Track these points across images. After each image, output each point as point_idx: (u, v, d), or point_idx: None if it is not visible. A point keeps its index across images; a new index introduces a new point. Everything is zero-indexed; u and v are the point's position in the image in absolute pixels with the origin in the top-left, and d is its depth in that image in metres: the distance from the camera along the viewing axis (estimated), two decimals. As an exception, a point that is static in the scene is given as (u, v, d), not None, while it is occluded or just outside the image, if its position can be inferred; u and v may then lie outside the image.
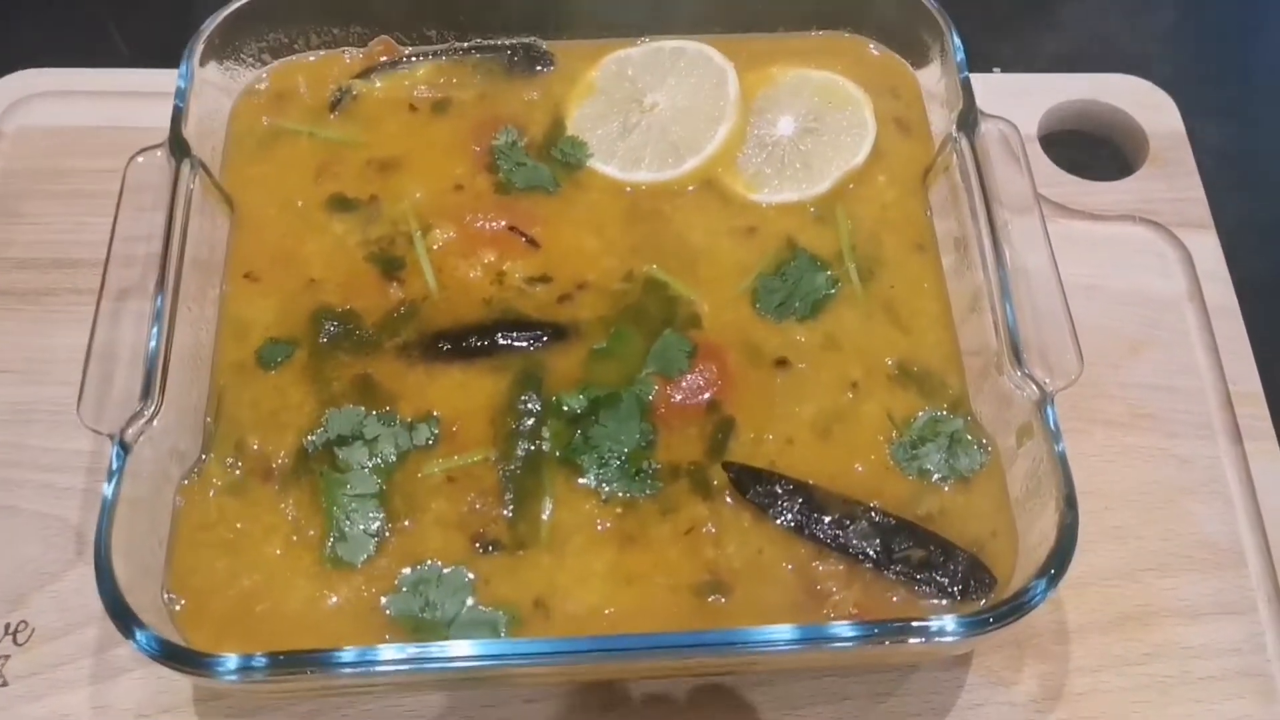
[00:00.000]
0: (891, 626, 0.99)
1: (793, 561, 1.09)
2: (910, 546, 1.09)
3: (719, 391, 1.17)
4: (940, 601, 1.07)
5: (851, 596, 1.07)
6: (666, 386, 1.16)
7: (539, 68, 1.38)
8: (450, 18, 1.37)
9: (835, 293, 1.23)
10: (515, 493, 1.11)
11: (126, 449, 1.04)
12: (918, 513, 1.11)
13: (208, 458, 1.13)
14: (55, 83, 1.53)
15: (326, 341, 1.19)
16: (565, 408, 1.15)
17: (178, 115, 1.22)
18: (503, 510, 1.11)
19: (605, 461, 1.12)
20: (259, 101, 1.35)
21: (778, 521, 1.10)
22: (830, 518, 1.10)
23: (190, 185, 1.19)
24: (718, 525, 1.11)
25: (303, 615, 1.06)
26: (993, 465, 1.14)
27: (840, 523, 1.10)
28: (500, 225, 1.26)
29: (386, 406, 1.15)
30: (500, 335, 1.19)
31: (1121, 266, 1.41)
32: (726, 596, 1.07)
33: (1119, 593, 1.21)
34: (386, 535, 1.09)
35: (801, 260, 1.24)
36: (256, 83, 1.36)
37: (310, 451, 1.13)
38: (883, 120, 1.33)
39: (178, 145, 1.20)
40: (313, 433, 1.14)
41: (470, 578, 1.07)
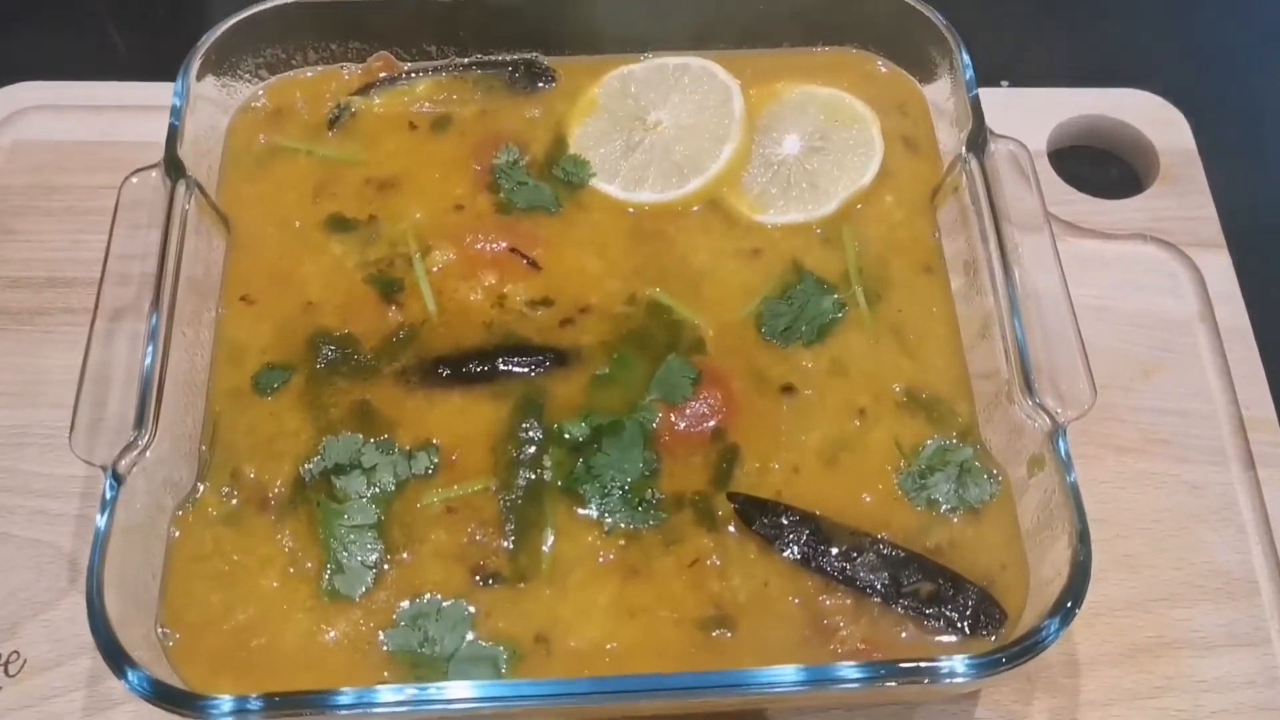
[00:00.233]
0: (901, 667, 0.97)
1: (799, 595, 1.07)
2: (919, 580, 1.07)
3: (724, 419, 1.15)
4: (950, 637, 1.05)
5: (859, 631, 1.05)
6: (670, 413, 1.14)
7: (540, 84, 1.36)
8: (450, 33, 1.35)
9: (842, 317, 1.21)
10: (516, 523, 1.09)
11: (120, 480, 1.02)
12: (926, 545, 1.09)
13: (203, 487, 1.11)
14: (51, 96, 1.50)
15: (324, 366, 1.17)
16: (567, 435, 1.13)
17: (173, 134, 1.20)
18: (503, 541, 1.09)
19: (608, 491, 1.10)
20: (256, 118, 1.33)
21: (784, 554, 1.08)
22: (837, 550, 1.08)
23: (185, 206, 1.17)
24: (723, 557, 1.08)
25: (299, 650, 1.04)
26: (1003, 496, 1.12)
27: (848, 555, 1.08)
28: (501, 246, 1.24)
29: (385, 434, 1.13)
30: (501, 360, 1.17)
31: (1132, 287, 1.38)
32: (732, 631, 1.05)
33: (1130, 624, 1.19)
34: (385, 567, 1.07)
35: (808, 283, 1.22)
36: (254, 99, 1.34)
37: (307, 480, 1.11)
38: (890, 139, 1.31)
39: (173, 166, 1.18)
40: (310, 461, 1.12)
41: (470, 611, 1.06)
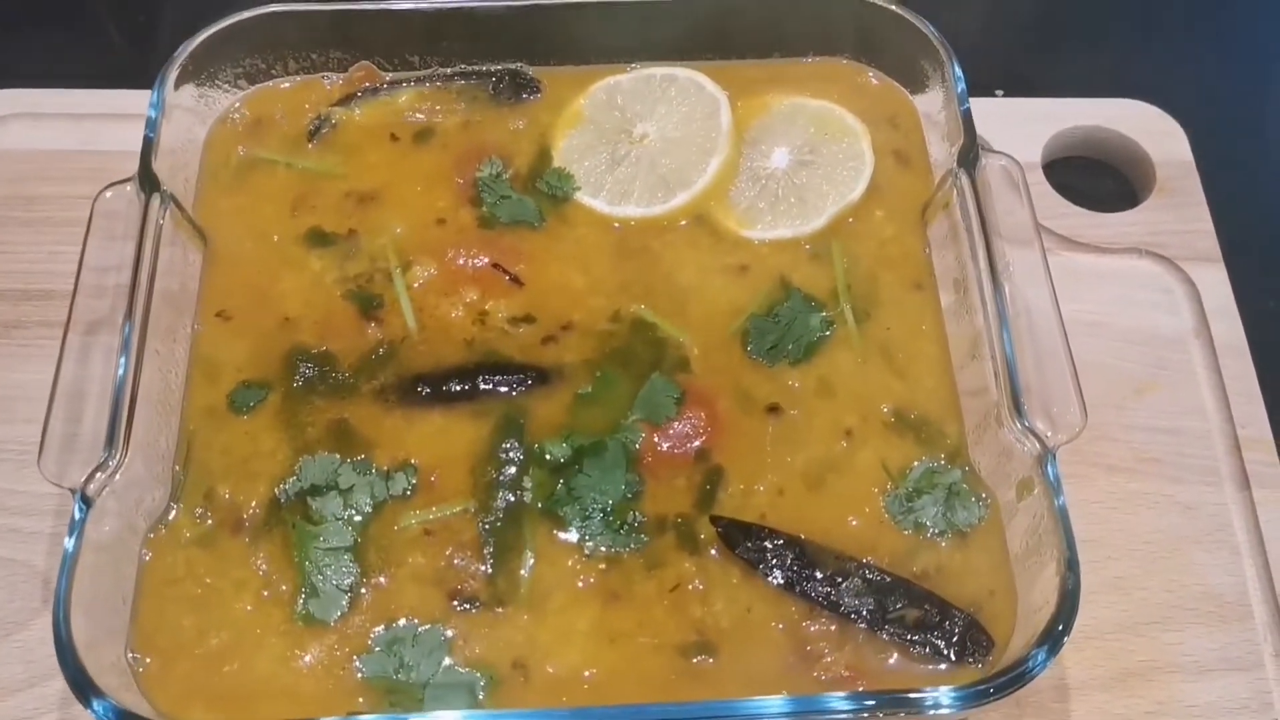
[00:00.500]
0: (886, 698, 0.95)
1: (783, 621, 1.05)
2: (905, 606, 1.05)
3: (708, 439, 1.13)
4: (936, 665, 1.03)
5: (844, 658, 1.03)
6: (653, 434, 1.12)
7: (525, 95, 1.34)
8: (434, 43, 1.32)
9: (830, 335, 1.19)
10: (495, 547, 1.07)
11: (89, 502, 1.00)
12: (913, 569, 1.08)
13: (176, 508, 1.09)
14: (31, 103, 1.48)
15: (301, 384, 1.15)
16: (548, 456, 1.11)
17: (148, 147, 1.18)
18: (482, 565, 1.07)
19: (589, 514, 1.08)
20: (234, 130, 1.31)
21: (768, 578, 1.06)
22: (822, 575, 1.06)
23: (160, 220, 1.15)
24: (705, 582, 1.07)
25: (273, 676, 1.02)
26: (991, 520, 1.10)
27: (833, 580, 1.06)
28: (483, 262, 1.22)
29: (362, 454, 1.11)
30: (482, 379, 1.15)
31: (1126, 302, 1.36)
32: (714, 657, 1.04)
33: (1121, 647, 1.17)
34: (361, 591, 1.06)
35: (795, 300, 1.20)
36: (232, 110, 1.32)
37: (283, 502, 1.09)
38: (881, 152, 1.29)
39: (147, 180, 1.15)
40: (285, 481, 1.10)
41: (447, 636, 1.04)
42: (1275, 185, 1.56)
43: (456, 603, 1.05)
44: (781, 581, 1.06)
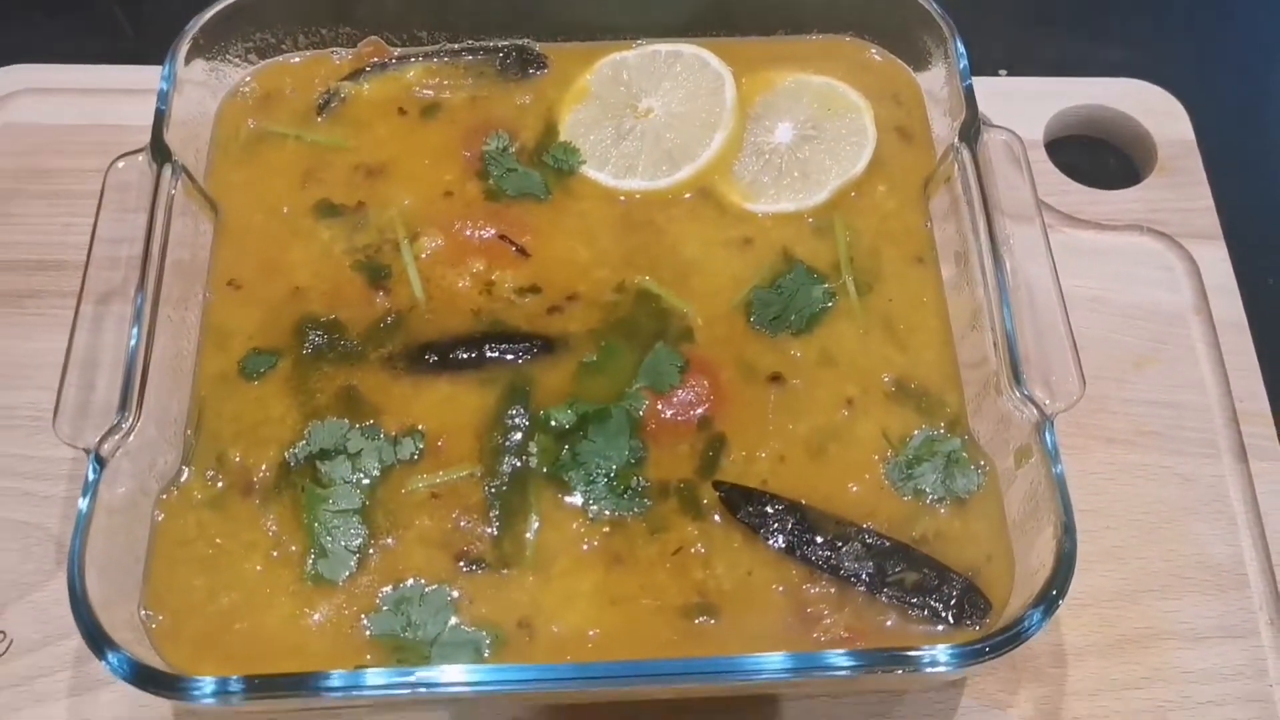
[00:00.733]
0: (883, 655, 0.96)
1: (783, 584, 1.06)
2: (904, 569, 1.06)
3: (711, 407, 1.14)
4: (934, 627, 1.04)
5: (843, 620, 1.05)
6: (657, 402, 1.14)
7: (531, 70, 1.35)
8: (441, 18, 1.34)
9: (832, 306, 1.21)
10: (501, 510, 1.09)
11: (103, 463, 1.02)
12: (912, 535, 1.09)
13: (188, 471, 1.11)
14: (42, 79, 1.50)
15: (310, 352, 1.17)
16: (553, 423, 1.12)
17: (159, 118, 1.19)
18: (488, 528, 1.08)
19: (593, 479, 1.10)
20: (245, 103, 1.33)
21: (769, 542, 1.08)
22: (822, 539, 1.07)
23: (172, 190, 1.17)
24: (707, 546, 1.08)
25: (282, 634, 1.04)
26: (990, 487, 1.11)
27: (833, 544, 1.07)
28: (490, 234, 1.23)
29: (370, 420, 1.13)
30: (488, 347, 1.17)
31: (1127, 278, 1.38)
32: (715, 619, 1.05)
33: (1118, 614, 1.18)
34: (368, 552, 1.07)
35: (798, 273, 1.22)
36: (242, 84, 1.33)
37: (292, 465, 1.11)
38: (883, 128, 1.30)
39: (159, 150, 1.17)
40: (295, 446, 1.12)
41: (453, 596, 1.05)
42: (1276, 164, 1.57)
43: (463, 564, 1.07)
44: (782, 545, 1.07)
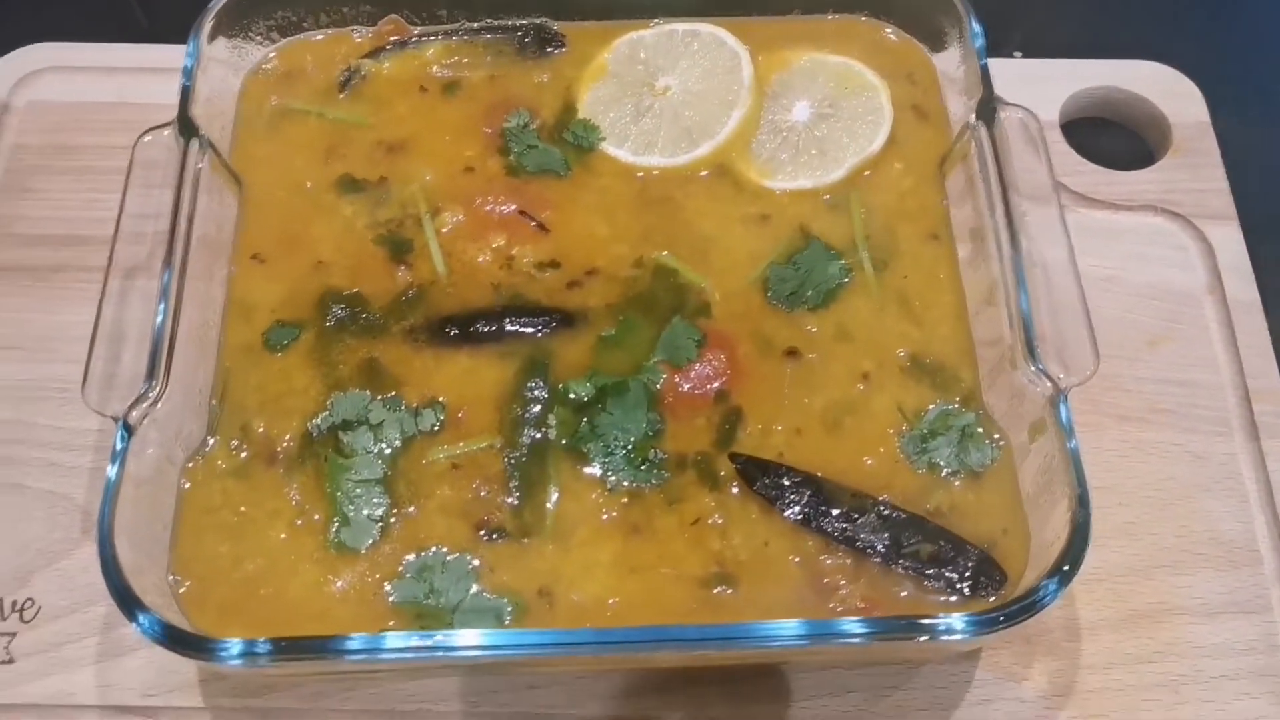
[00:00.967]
0: (899, 624, 0.98)
1: (800, 554, 1.08)
2: (919, 541, 1.07)
3: (728, 381, 1.16)
4: (949, 598, 1.06)
5: (859, 591, 1.06)
6: (674, 375, 1.15)
7: (550, 49, 1.36)
8: (460, -3, 1.36)
9: (848, 282, 1.22)
10: (520, 481, 1.11)
11: (130, 431, 1.04)
12: (927, 507, 1.10)
13: (213, 440, 1.13)
14: (64, 58, 1.52)
15: (333, 325, 1.19)
16: (572, 395, 1.14)
17: (185, 94, 1.21)
18: (508, 498, 1.10)
19: (611, 450, 1.11)
20: (268, 80, 1.34)
21: (785, 514, 1.09)
22: (838, 511, 1.09)
23: (198, 165, 1.18)
24: (724, 517, 1.09)
25: (306, 600, 1.05)
26: (1004, 460, 1.12)
27: (849, 516, 1.08)
28: (510, 209, 1.25)
29: (392, 391, 1.15)
30: (508, 321, 1.18)
31: (1141, 258, 1.38)
32: (733, 588, 1.06)
33: (1132, 590, 1.19)
34: (391, 521, 1.09)
35: (814, 249, 1.23)
36: (265, 61, 1.35)
37: (315, 436, 1.12)
38: (899, 106, 1.31)
39: (185, 125, 1.19)
40: (318, 417, 1.13)
41: (475, 565, 1.07)
42: (1290, 145, 1.57)
43: (483, 533, 1.08)
44: (799, 517, 1.09)
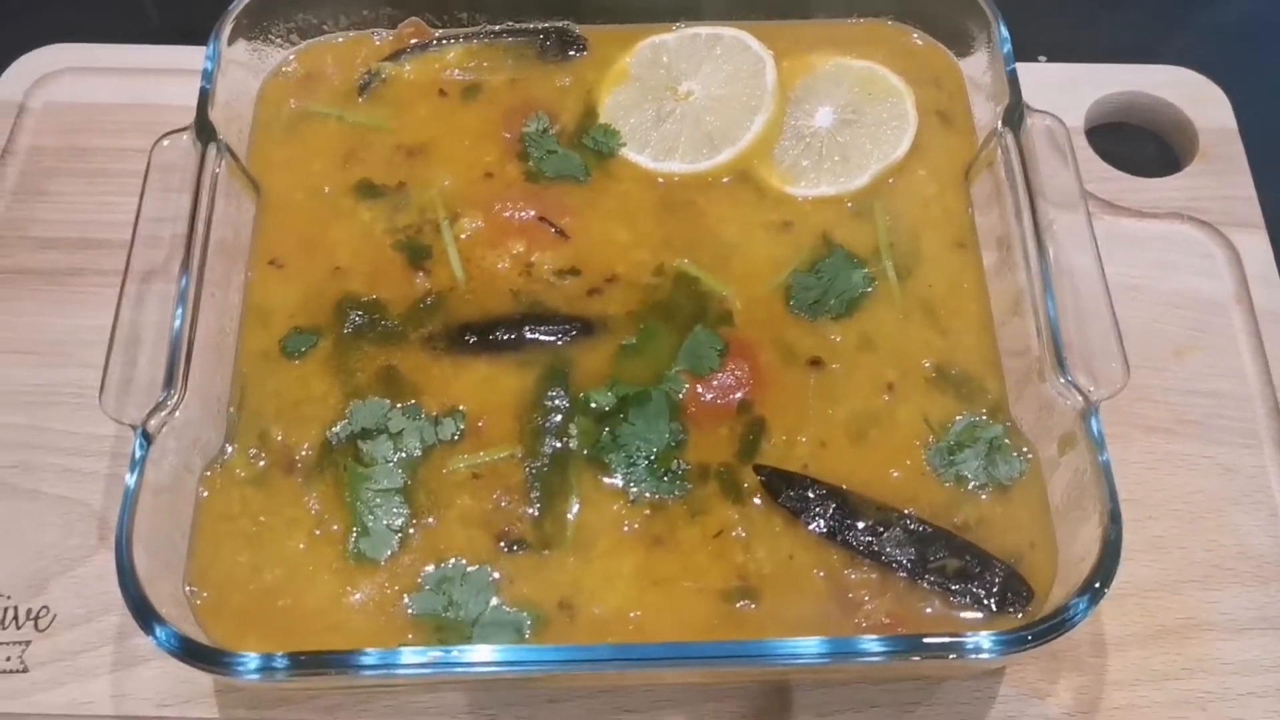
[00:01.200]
0: (926, 642, 0.96)
1: (824, 568, 1.06)
2: (945, 556, 1.06)
3: (751, 391, 1.14)
4: (975, 614, 1.04)
5: (884, 606, 1.05)
6: (697, 385, 1.14)
7: (571, 52, 1.35)
8: (482, 0, 1.34)
9: (872, 291, 1.20)
10: (541, 491, 1.09)
11: (149, 439, 1.03)
12: (954, 521, 1.09)
13: (231, 448, 1.12)
14: (81, 59, 1.51)
15: (351, 331, 1.17)
16: (593, 405, 1.12)
17: (204, 97, 1.20)
18: (528, 509, 1.09)
19: (633, 461, 1.10)
20: (287, 83, 1.33)
21: (810, 527, 1.07)
22: (864, 524, 1.07)
23: (216, 169, 1.17)
24: (748, 529, 1.08)
25: (325, 611, 1.04)
26: (1032, 474, 1.11)
27: (874, 530, 1.07)
28: (530, 215, 1.24)
29: (411, 399, 1.13)
30: (528, 329, 1.17)
31: (1167, 266, 1.36)
32: (756, 603, 1.05)
33: (1159, 605, 1.17)
34: (410, 532, 1.08)
35: (837, 257, 1.21)
36: (284, 64, 1.34)
37: (334, 444, 1.11)
38: (924, 112, 1.30)
39: (203, 129, 1.17)
40: (336, 425, 1.12)
41: (495, 577, 1.06)
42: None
43: (503, 544, 1.07)
44: (823, 530, 1.07)
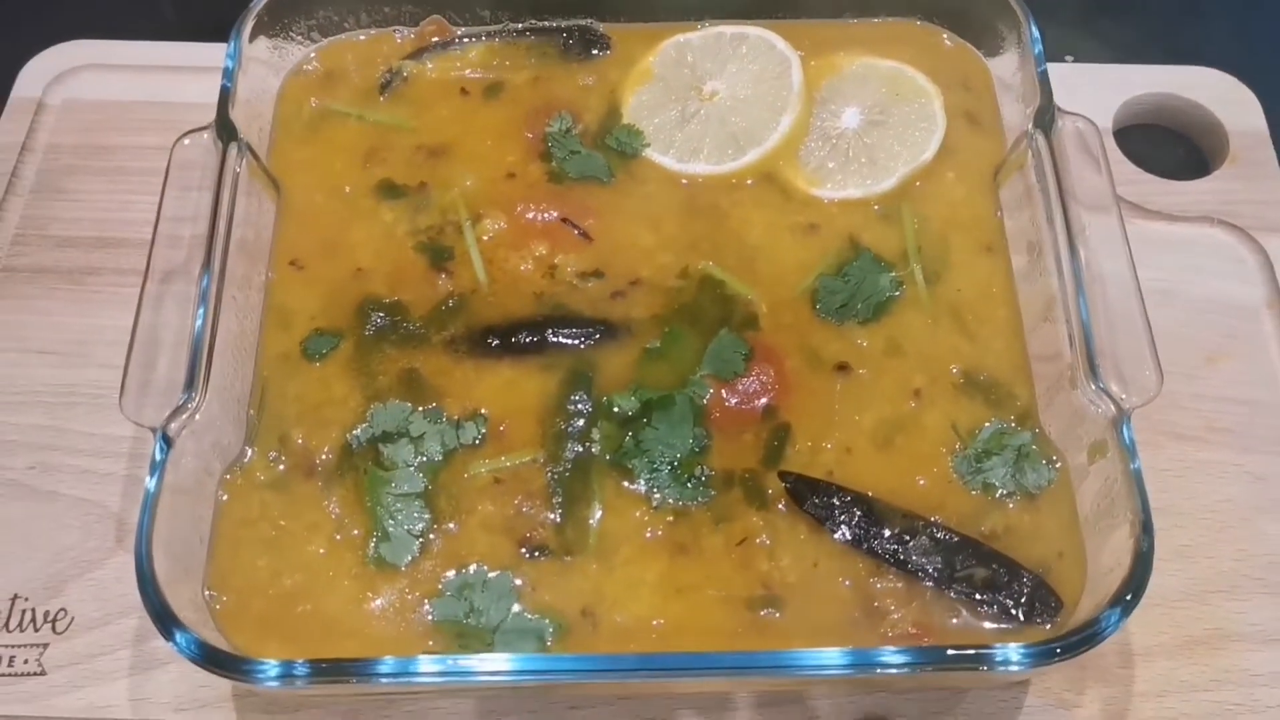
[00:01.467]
0: (954, 654, 0.94)
1: (850, 577, 1.05)
2: (973, 565, 1.05)
3: (776, 396, 1.13)
4: (1003, 624, 1.03)
5: (910, 615, 1.03)
6: (721, 389, 1.12)
7: (595, 51, 1.33)
8: (505, -3, 1.33)
9: (899, 295, 1.19)
10: (564, 496, 1.08)
11: (169, 442, 1.02)
12: (981, 530, 1.07)
13: (251, 451, 1.11)
14: (101, 55, 1.50)
15: (372, 333, 1.16)
16: (616, 409, 1.11)
17: (225, 96, 1.18)
18: (550, 514, 1.08)
19: (656, 467, 1.09)
20: (307, 81, 1.32)
21: (835, 534, 1.06)
22: (890, 532, 1.06)
23: (237, 169, 1.16)
24: (772, 537, 1.07)
25: (345, 617, 1.04)
26: (1061, 482, 1.09)
27: (900, 538, 1.06)
28: (553, 216, 1.22)
29: (433, 403, 1.12)
30: (551, 332, 1.15)
31: (1198, 271, 1.35)
32: (780, 611, 1.04)
33: (1187, 615, 1.16)
34: (431, 537, 1.07)
35: (864, 260, 1.20)
36: (305, 62, 1.33)
37: (354, 448, 1.10)
38: (953, 114, 1.28)
39: (224, 128, 1.16)
40: (357, 428, 1.11)
41: (516, 584, 1.05)
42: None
43: (526, 551, 1.06)
44: (849, 538, 1.06)
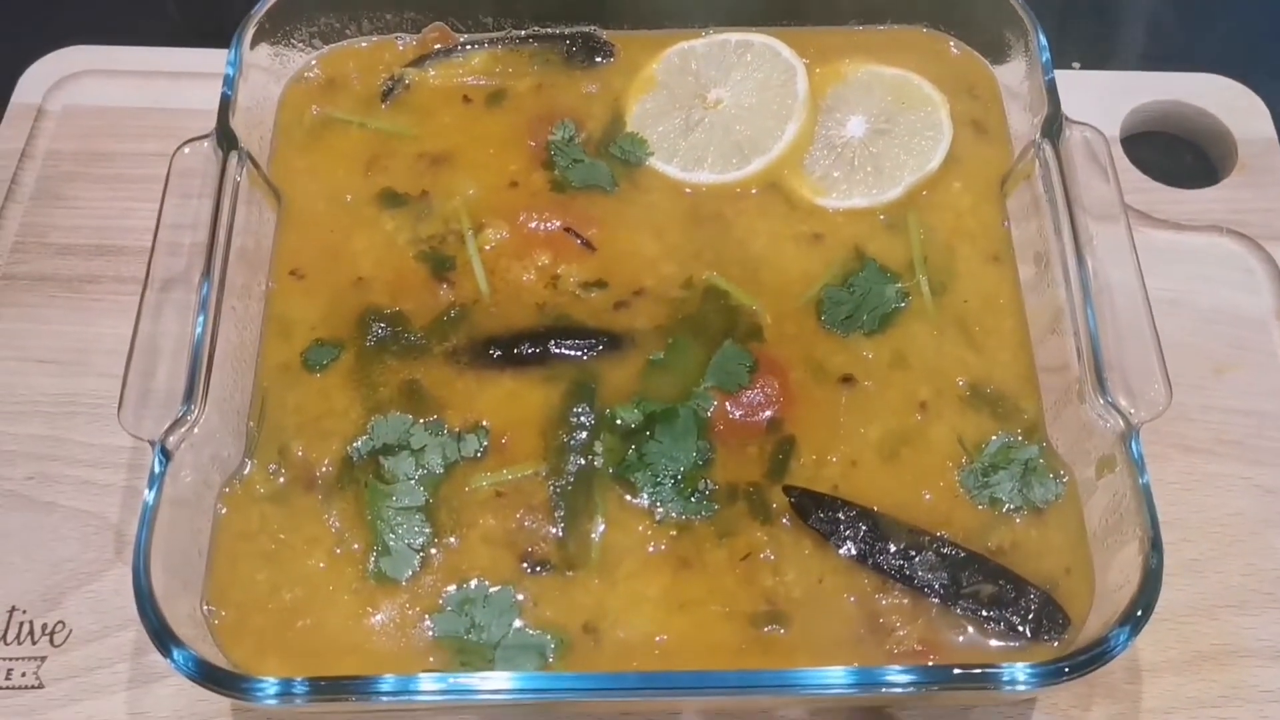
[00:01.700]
0: (960, 674, 0.93)
1: (855, 593, 1.04)
2: (979, 581, 1.03)
3: (780, 409, 1.12)
4: (1010, 641, 1.02)
5: (916, 632, 1.02)
6: (725, 402, 1.11)
7: (598, 59, 1.32)
8: (507, 5, 1.32)
9: (905, 306, 1.18)
10: (566, 510, 1.07)
11: (168, 455, 1.01)
12: (988, 545, 1.06)
13: (250, 464, 1.10)
14: (102, 60, 1.49)
15: (374, 344, 1.15)
16: (619, 421, 1.10)
17: (225, 104, 1.18)
18: (553, 528, 1.07)
19: (660, 480, 1.08)
20: (309, 89, 1.31)
21: (840, 550, 1.05)
22: (895, 547, 1.05)
23: (237, 177, 1.15)
24: (776, 552, 1.06)
25: (344, 633, 1.03)
26: (1069, 497, 1.08)
27: (906, 553, 1.05)
28: (555, 226, 1.21)
29: (434, 414, 1.11)
30: (553, 343, 1.15)
31: (1206, 281, 1.33)
32: (785, 627, 1.03)
33: (1195, 630, 1.15)
34: (432, 551, 1.06)
35: (870, 271, 1.19)
36: (306, 69, 1.32)
37: (355, 460, 1.09)
38: (959, 122, 1.27)
39: (225, 136, 1.16)
40: (358, 440, 1.10)
41: (518, 599, 1.04)
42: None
43: (527, 565, 1.05)
44: (854, 553, 1.05)
